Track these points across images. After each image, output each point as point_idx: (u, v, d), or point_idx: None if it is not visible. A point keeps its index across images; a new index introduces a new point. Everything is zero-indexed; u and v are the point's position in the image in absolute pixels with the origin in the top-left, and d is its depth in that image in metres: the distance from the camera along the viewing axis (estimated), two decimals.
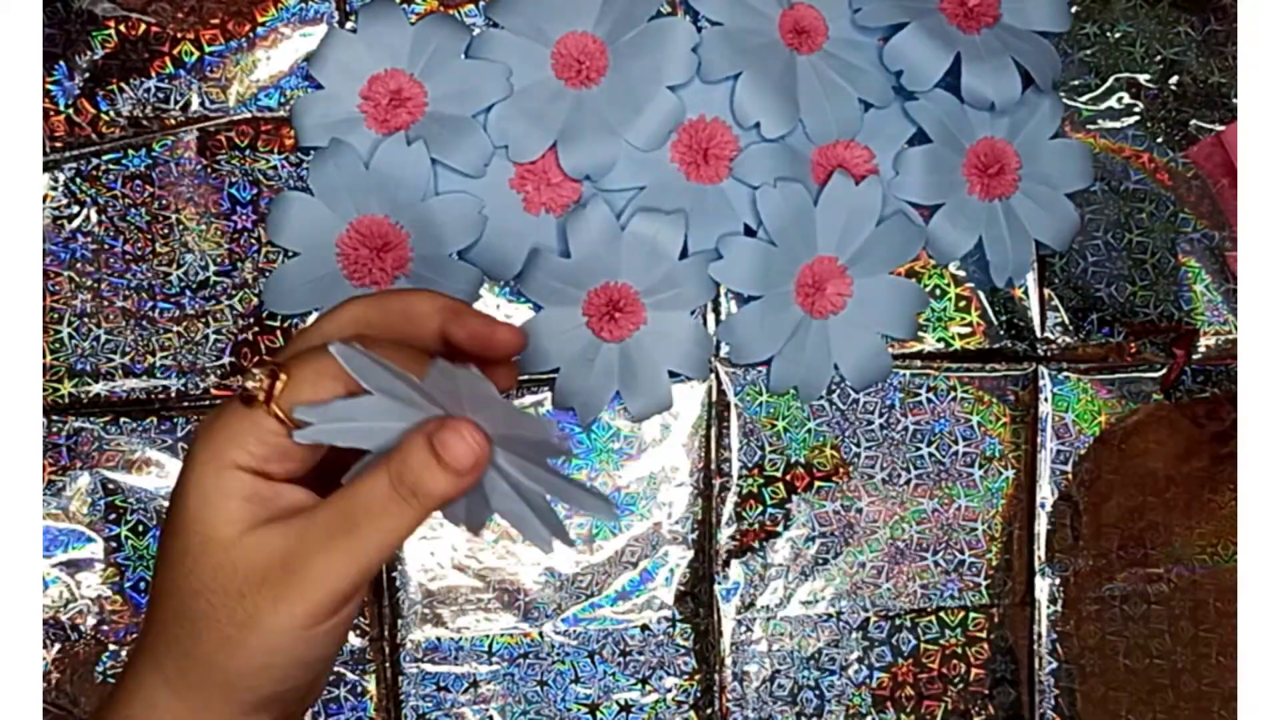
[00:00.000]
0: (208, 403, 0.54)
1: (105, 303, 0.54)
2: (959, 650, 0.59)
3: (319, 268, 0.53)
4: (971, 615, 0.59)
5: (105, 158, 0.54)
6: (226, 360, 0.55)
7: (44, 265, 0.54)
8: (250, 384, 0.36)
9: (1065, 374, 0.58)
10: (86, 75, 0.54)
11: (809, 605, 0.58)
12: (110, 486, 0.54)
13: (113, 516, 0.54)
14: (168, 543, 0.37)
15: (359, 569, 0.35)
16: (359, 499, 0.35)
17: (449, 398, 0.36)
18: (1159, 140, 0.59)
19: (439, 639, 0.56)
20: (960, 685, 0.59)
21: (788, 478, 0.58)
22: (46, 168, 0.54)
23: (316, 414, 0.36)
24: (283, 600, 0.35)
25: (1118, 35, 0.59)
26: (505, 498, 0.38)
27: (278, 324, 0.55)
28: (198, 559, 0.36)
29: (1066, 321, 0.59)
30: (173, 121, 0.55)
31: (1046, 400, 0.58)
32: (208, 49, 0.55)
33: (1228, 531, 0.59)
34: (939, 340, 0.58)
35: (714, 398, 0.57)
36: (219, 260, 0.55)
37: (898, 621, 0.58)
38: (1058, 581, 0.59)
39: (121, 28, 0.54)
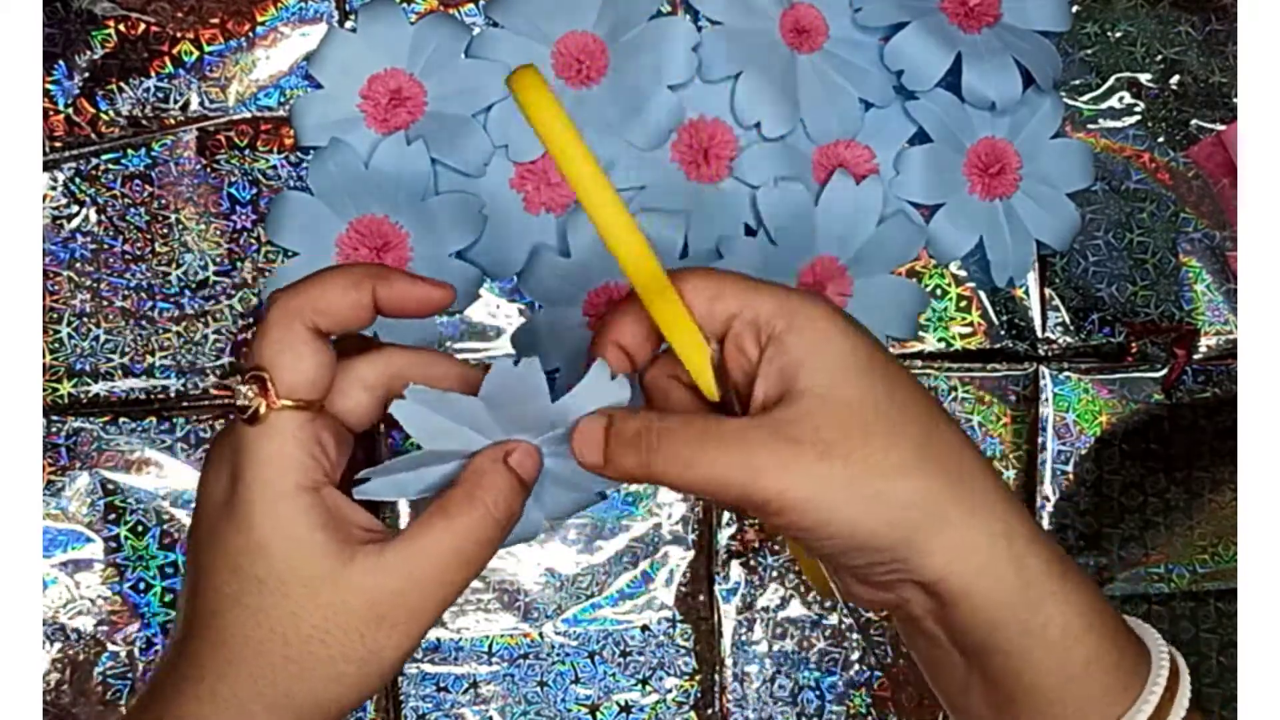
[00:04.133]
0: (207, 403, 0.54)
1: (105, 303, 0.54)
2: None
3: (319, 268, 0.53)
4: None
5: (105, 157, 0.54)
6: (226, 360, 0.55)
7: (44, 265, 0.54)
8: (244, 401, 0.36)
9: (1066, 374, 0.58)
10: (86, 75, 0.54)
11: (809, 605, 0.58)
12: (110, 487, 0.54)
13: (112, 517, 0.54)
14: (251, 592, 0.36)
15: (459, 595, 0.38)
16: (470, 535, 0.37)
17: (501, 402, 0.38)
18: (1160, 140, 0.59)
19: (439, 639, 0.56)
20: None
21: None
22: (46, 167, 0.54)
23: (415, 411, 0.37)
24: (404, 636, 0.37)
25: (1118, 35, 0.59)
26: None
27: None
28: (302, 604, 0.36)
29: (1067, 321, 0.59)
30: (172, 121, 0.55)
31: (1047, 400, 0.58)
32: (207, 48, 0.55)
33: (1228, 531, 0.59)
34: (940, 340, 0.58)
35: None
36: (218, 260, 0.55)
37: None
38: None
39: (121, 27, 0.54)
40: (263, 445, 0.36)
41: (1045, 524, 0.58)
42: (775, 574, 0.58)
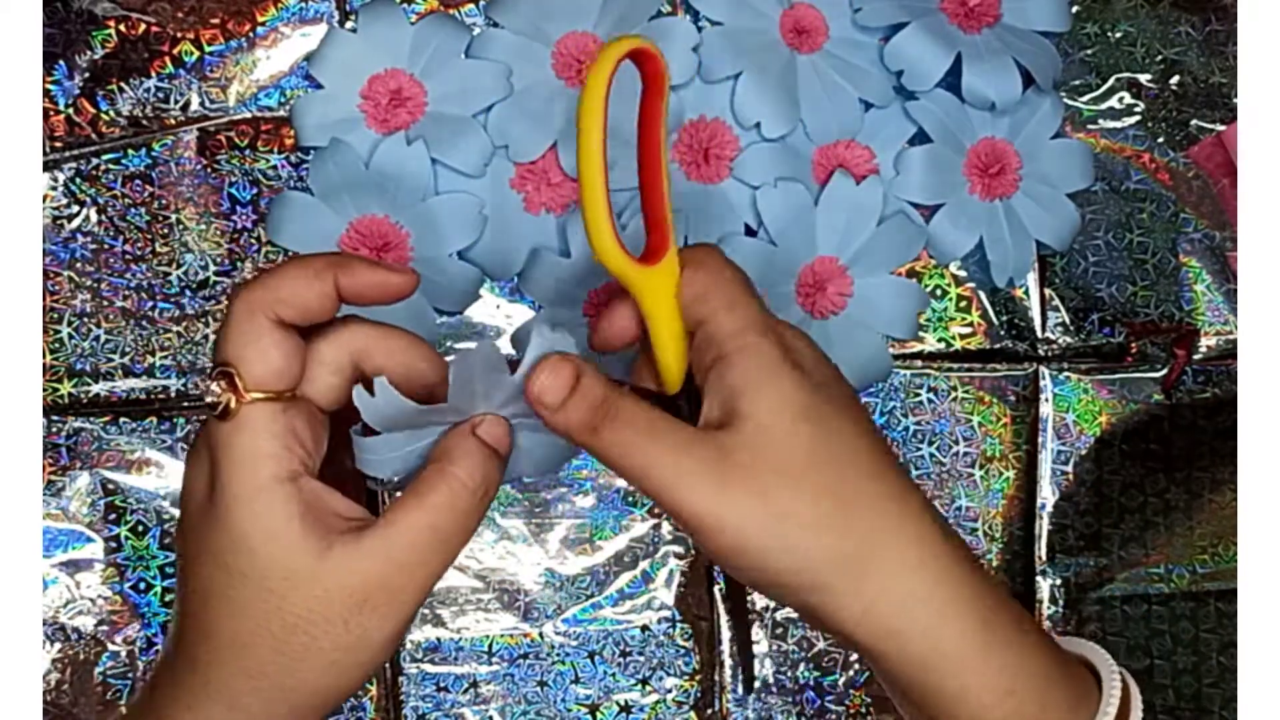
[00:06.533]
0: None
1: (105, 303, 0.54)
2: None
3: None
4: None
5: (105, 157, 0.54)
6: None
7: (44, 265, 0.54)
8: (213, 398, 0.36)
9: (1066, 374, 0.58)
10: (86, 75, 0.54)
11: None
12: (110, 487, 0.54)
13: (112, 516, 0.54)
14: (235, 586, 0.36)
15: (445, 570, 0.38)
16: (445, 510, 0.37)
17: (465, 393, 0.38)
18: (1160, 140, 0.59)
19: (439, 639, 0.56)
20: None
21: None
22: (46, 167, 0.54)
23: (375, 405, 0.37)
24: (388, 617, 0.37)
25: (1118, 35, 0.59)
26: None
27: None
28: (284, 596, 0.36)
29: (1067, 321, 0.59)
30: (173, 121, 0.55)
31: (1047, 400, 0.58)
32: (208, 49, 0.55)
33: (1228, 531, 0.59)
34: (940, 340, 0.58)
35: None
36: (219, 260, 0.55)
37: None
38: (1059, 582, 0.58)
39: (121, 27, 0.54)
40: (236, 440, 0.36)
41: (1046, 524, 0.59)
42: None
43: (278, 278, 0.37)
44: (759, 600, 0.58)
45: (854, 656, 0.58)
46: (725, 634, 0.57)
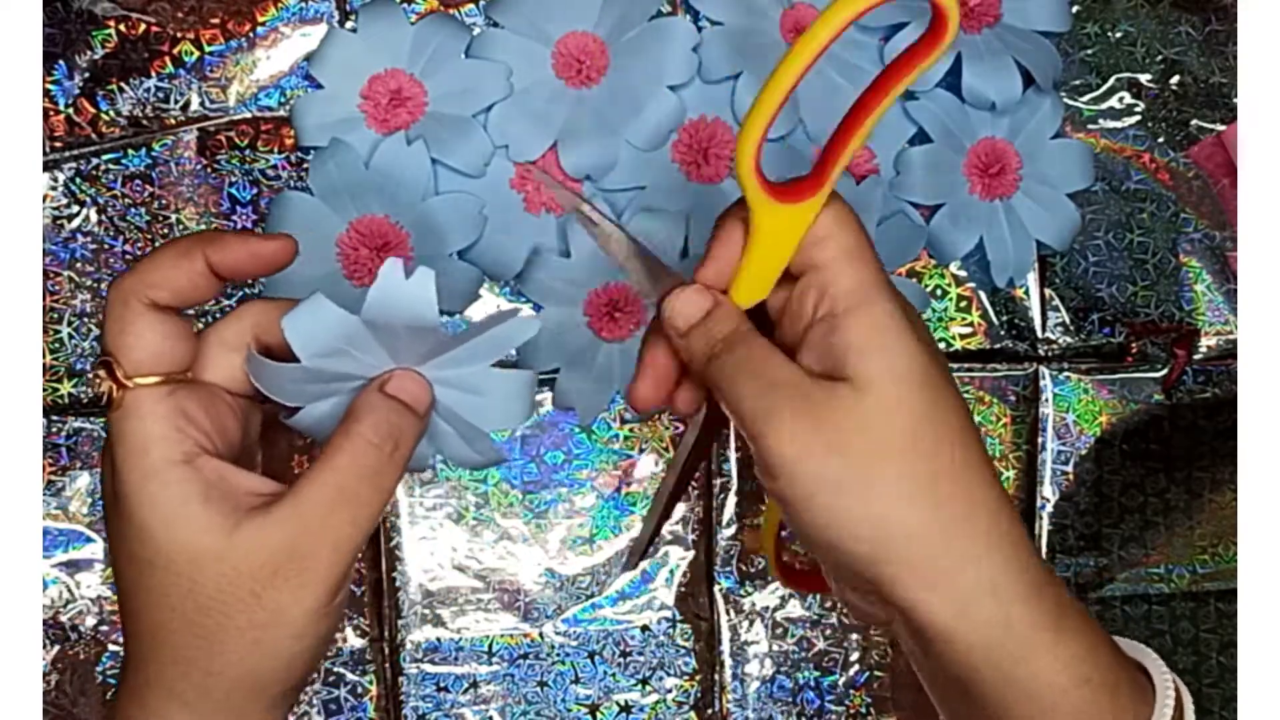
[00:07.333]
0: None
1: (105, 303, 0.54)
2: None
3: (319, 268, 0.53)
4: None
5: (105, 157, 0.54)
6: None
7: (44, 265, 0.54)
8: (100, 389, 0.36)
9: (1066, 374, 0.58)
10: (86, 75, 0.54)
11: (809, 605, 0.58)
12: None
13: None
14: (145, 575, 0.36)
15: (364, 534, 0.37)
16: (350, 469, 0.36)
17: (382, 338, 0.37)
18: (1160, 140, 0.59)
19: (439, 639, 0.56)
20: None
21: None
22: (46, 167, 0.54)
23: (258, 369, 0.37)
24: (303, 587, 0.36)
25: (1119, 35, 0.59)
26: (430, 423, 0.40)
27: None
28: (194, 579, 0.35)
29: (1067, 321, 0.59)
30: (173, 121, 0.55)
31: (1047, 400, 0.58)
32: (208, 49, 0.55)
33: (1228, 531, 0.59)
34: (940, 340, 0.58)
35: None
36: None
37: None
38: None
39: (121, 27, 0.54)
40: (125, 428, 0.36)
41: (1046, 524, 0.59)
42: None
43: (147, 263, 0.37)
44: (759, 600, 0.58)
45: (854, 657, 0.58)
46: (725, 633, 0.57)
